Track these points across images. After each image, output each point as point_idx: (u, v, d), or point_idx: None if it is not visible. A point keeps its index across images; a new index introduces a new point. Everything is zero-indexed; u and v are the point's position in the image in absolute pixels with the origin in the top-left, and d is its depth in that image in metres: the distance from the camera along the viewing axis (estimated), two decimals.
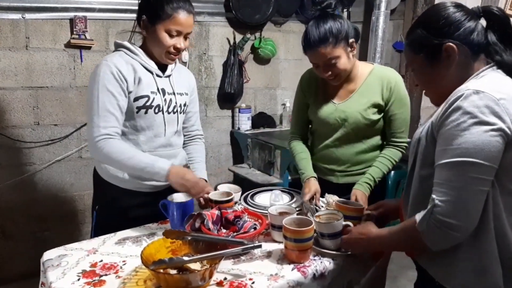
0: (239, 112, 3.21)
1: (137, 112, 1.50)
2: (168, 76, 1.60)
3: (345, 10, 3.69)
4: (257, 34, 3.24)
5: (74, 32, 2.52)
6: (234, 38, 3.13)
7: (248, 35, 3.13)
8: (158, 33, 1.46)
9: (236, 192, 1.58)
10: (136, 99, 1.49)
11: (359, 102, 1.67)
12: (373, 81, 1.68)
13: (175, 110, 1.61)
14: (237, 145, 3.31)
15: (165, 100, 1.56)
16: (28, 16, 2.42)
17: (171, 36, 1.47)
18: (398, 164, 1.98)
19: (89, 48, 2.60)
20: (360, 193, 1.61)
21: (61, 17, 2.51)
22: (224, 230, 1.40)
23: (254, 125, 3.28)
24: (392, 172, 3.41)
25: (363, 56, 3.80)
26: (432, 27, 1.06)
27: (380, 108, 1.68)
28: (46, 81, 2.55)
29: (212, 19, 3.05)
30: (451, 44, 1.03)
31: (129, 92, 1.48)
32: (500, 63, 1.03)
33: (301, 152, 1.81)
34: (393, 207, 1.38)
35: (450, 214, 0.92)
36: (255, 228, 1.37)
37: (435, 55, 1.06)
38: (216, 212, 1.42)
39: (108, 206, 1.61)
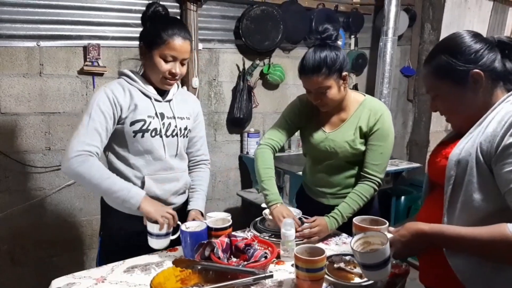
0: (248, 136, 3.22)
1: (134, 136, 1.52)
2: (169, 101, 1.63)
3: (352, 36, 3.74)
4: (266, 60, 3.28)
5: (87, 59, 2.57)
6: (244, 64, 3.17)
7: (257, 61, 3.17)
8: (154, 58, 1.50)
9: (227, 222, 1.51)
10: (132, 123, 1.51)
11: (348, 133, 1.70)
12: (362, 111, 1.70)
13: (174, 133, 1.62)
14: (246, 169, 3.30)
15: (163, 123, 1.58)
16: (42, 43, 2.48)
17: (166, 61, 1.50)
18: (408, 189, 1.96)
19: (101, 74, 2.65)
20: (324, 223, 1.60)
21: (75, 45, 2.57)
22: (234, 259, 1.38)
23: None
24: (403, 197, 3.39)
25: (371, 81, 3.82)
26: (458, 53, 1.08)
27: (364, 137, 1.69)
28: (58, 107, 2.59)
29: (222, 46, 3.11)
30: (478, 70, 1.06)
31: (124, 118, 1.51)
32: None
33: (268, 168, 1.75)
34: None
35: None
36: (265, 257, 1.35)
37: (461, 81, 1.08)
38: (225, 240, 1.40)
39: (113, 232, 1.61)
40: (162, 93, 1.61)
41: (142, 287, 1.26)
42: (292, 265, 1.34)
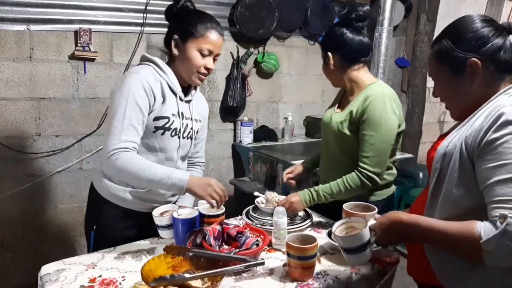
0: (241, 125, 3.20)
1: (153, 132, 1.48)
2: (189, 101, 1.59)
3: None
4: (261, 49, 3.25)
5: (79, 44, 2.52)
6: (238, 52, 3.14)
7: (252, 50, 3.14)
8: (189, 51, 1.46)
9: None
10: (156, 118, 1.47)
11: (341, 114, 1.69)
12: (361, 95, 1.64)
13: (189, 135, 1.60)
14: (239, 158, 3.29)
15: (182, 124, 1.55)
16: (33, 27, 2.43)
17: (202, 55, 1.47)
18: (400, 180, 1.95)
19: (92, 60, 2.61)
20: (295, 197, 1.63)
21: (66, 29, 2.52)
22: (226, 246, 1.38)
23: (256, 139, 3.27)
24: (395, 187, 3.41)
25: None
26: (459, 40, 1.04)
27: (354, 124, 1.62)
28: (49, 92, 2.55)
29: None
30: (475, 59, 1.02)
31: (152, 111, 1.45)
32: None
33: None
34: None
35: None
36: (257, 245, 1.35)
37: (459, 69, 1.04)
38: (217, 227, 1.40)
39: (107, 226, 1.55)
40: (184, 92, 1.56)
41: (133, 274, 1.26)
42: (284, 253, 1.35)
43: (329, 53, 1.67)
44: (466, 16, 1.08)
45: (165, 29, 1.56)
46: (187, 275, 1.10)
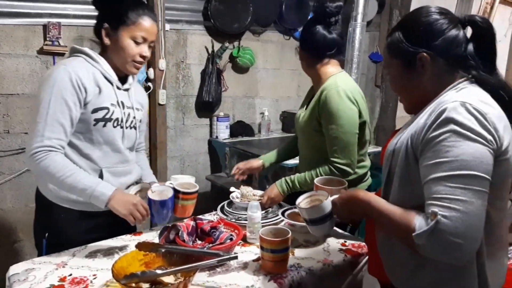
0: (217, 120, 3.19)
1: (94, 125, 1.40)
2: (127, 90, 1.53)
3: None
4: (236, 43, 3.24)
5: (48, 39, 2.45)
6: (213, 47, 3.12)
7: (227, 44, 3.12)
8: (122, 40, 1.40)
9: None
10: (94, 110, 1.39)
11: (306, 113, 1.74)
12: (319, 91, 1.66)
13: (132, 125, 1.53)
14: (215, 154, 3.28)
15: (124, 113, 1.48)
16: None
17: (136, 43, 1.41)
18: (374, 172, 1.98)
19: (62, 54, 2.53)
20: (273, 189, 1.69)
21: (34, 23, 2.44)
22: (199, 242, 1.37)
23: (233, 134, 3.26)
24: (371, 180, 3.47)
25: (343, 67, 3.85)
26: (410, 33, 1.02)
27: (316, 122, 1.65)
28: (17, 88, 2.47)
29: (190, 27, 3.04)
30: (425, 54, 1.00)
31: (87, 103, 1.37)
32: (476, 78, 0.99)
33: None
34: None
35: (458, 232, 0.82)
36: (231, 239, 1.35)
37: (409, 63, 1.03)
38: (191, 223, 1.39)
39: (61, 232, 1.45)
40: (121, 81, 1.50)
41: (104, 272, 1.24)
42: (258, 247, 1.35)
43: (299, 49, 1.73)
44: (421, 8, 1.04)
45: None
46: (159, 271, 1.09)
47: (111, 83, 1.45)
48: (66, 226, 1.45)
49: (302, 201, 1.20)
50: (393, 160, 1.03)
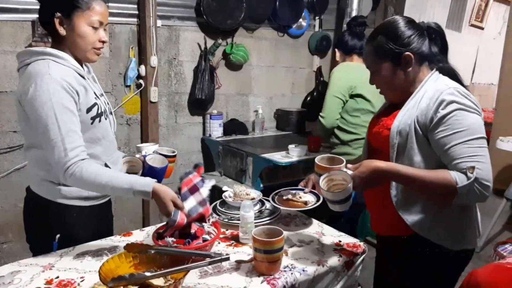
0: (211, 118, 3.15)
1: (92, 123, 1.38)
2: (92, 78, 1.48)
3: (317, 17, 3.71)
4: (229, 40, 3.20)
5: (36, 35, 2.40)
6: (205, 44, 3.08)
7: (220, 41, 3.08)
8: (79, 27, 1.32)
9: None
10: (88, 110, 1.36)
11: None
12: None
13: (110, 111, 1.52)
14: (208, 152, 3.24)
15: (104, 102, 1.47)
16: None
17: (94, 28, 1.35)
18: None
19: None
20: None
21: (22, 19, 2.39)
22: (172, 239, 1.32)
23: (226, 132, 3.22)
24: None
25: (335, 63, 3.82)
26: (393, 38, 1.28)
27: None
28: (5, 85, 2.41)
29: (182, 24, 2.99)
30: (408, 53, 1.27)
31: (79, 104, 1.33)
32: (441, 69, 1.32)
33: None
34: None
35: (488, 178, 1.15)
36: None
37: (396, 61, 1.29)
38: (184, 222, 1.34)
39: (75, 231, 1.42)
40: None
41: (92, 274, 1.20)
42: (251, 247, 1.32)
43: (335, 49, 2.58)
44: (394, 18, 1.32)
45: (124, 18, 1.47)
46: (147, 274, 1.05)
47: (83, 77, 1.39)
48: (79, 224, 1.42)
49: (322, 184, 1.24)
50: (400, 139, 1.27)
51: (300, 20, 3.53)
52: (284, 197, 1.61)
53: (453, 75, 1.31)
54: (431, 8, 5.00)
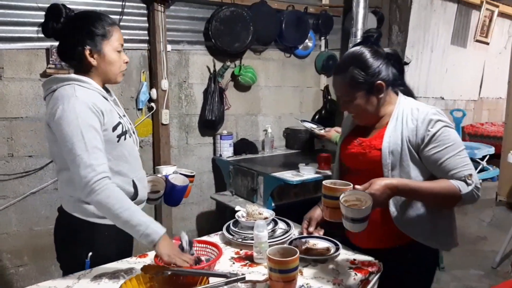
0: (221, 139, 3.18)
1: (118, 141, 1.45)
2: (114, 100, 1.55)
3: (322, 38, 3.77)
4: (237, 62, 3.26)
5: (50, 62, 2.48)
6: (214, 66, 3.14)
7: (228, 63, 3.15)
8: (109, 55, 1.43)
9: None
10: (114, 128, 1.44)
11: None
12: None
13: (133, 130, 1.59)
14: (219, 172, 3.27)
15: (126, 122, 1.54)
16: (2, 46, 2.37)
17: (118, 52, 1.46)
18: None
19: None
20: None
21: (37, 47, 2.47)
22: None
23: (236, 152, 3.25)
24: None
25: None
26: (365, 68, 1.39)
27: None
28: (20, 111, 2.48)
29: (191, 48, 3.07)
30: (380, 81, 1.40)
31: (105, 124, 1.41)
32: (403, 91, 1.50)
33: None
34: None
35: (478, 181, 1.34)
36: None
37: (369, 90, 1.41)
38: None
39: (104, 248, 1.47)
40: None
41: None
42: (265, 267, 1.33)
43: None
44: (360, 49, 1.42)
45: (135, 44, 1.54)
46: None
47: (107, 99, 1.47)
48: (108, 242, 1.47)
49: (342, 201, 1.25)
50: (393, 157, 1.39)
51: (306, 41, 3.59)
52: (303, 247, 1.52)
53: (412, 95, 1.52)
54: (435, 25, 5.06)
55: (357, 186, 1.28)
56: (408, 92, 1.51)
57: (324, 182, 1.37)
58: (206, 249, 1.47)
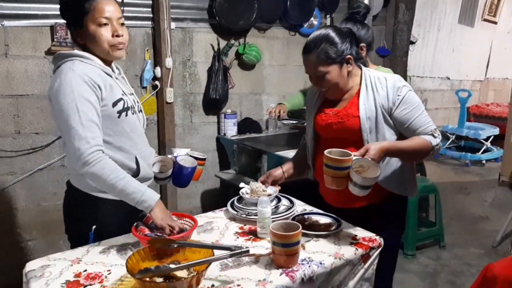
0: (225, 118, 3.20)
1: (118, 117, 1.46)
2: (122, 78, 1.56)
3: (328, 16, 3.73)
4: (241, 40, 3.24)
5: (55, 39, 2.48)
6: (218, 44, 3.13)
7: (232, 41, 3.13)
8: (90, 30, 1.40)
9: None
10: (114, 104, 1.44)
11: None
12: None
13: (139, 108, 1.60)
14: (223, 151, 3.29)
15: (133, 100, 1.55)
16: (7, 23, 2.38)
17: (104, 26, 1.40)
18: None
19: None
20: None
21: (42, 24, 2.47)
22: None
23: (240, 131, 3.27)
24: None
25: None
26: (336, 44, 1.53)
27: None
28: (26, 89, 2.50)
29: (195, 25, 3.05)
30: (349, 55, 1.55)
31: (103, 99, 1.41)
32: (363, 63, 1.68)
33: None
34: None
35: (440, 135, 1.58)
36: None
37: (341, 64, 1.55)
38: None
39: (109, 222, 1.50)
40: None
41: (118, 267, 1.26)
42: (268, 242, 1.36)
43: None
44: (327, 29, 1.56)
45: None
46: (172, 266, 1.10)
47: (110, 76, 1.48)
48: (111, 216, 1.49)
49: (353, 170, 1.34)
50: (370, 122, 1.56)
51: (311, 19, 3.56)
52: (306, 223, 1.55)
53: (366, 66, 1.70)
54: (443, 4, 4.98)
55: (355, 153, 1.38)
56: (364, 64, 1.69)
57: (326, 153, 1.40)
58: (183, 220, 1.51)
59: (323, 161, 1.38)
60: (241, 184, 1.82)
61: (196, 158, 1.73)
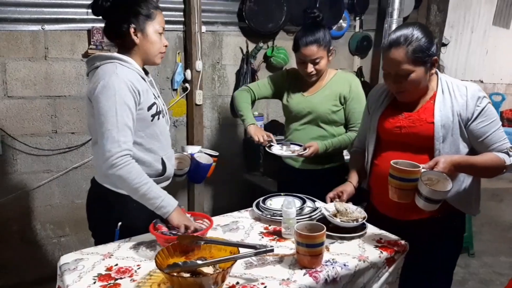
0: None
1: (151, 120, 1.52)
2: (150, 82, 1.61)
3: (357, 18, 3.70)
4: (270, 43, 3.27)
5: (92, 43, 2.58)
6: (247, 47, 3.17)
7: (261, 44, 3.16)
8: (151, 35, 1.51)
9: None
10: (149, 108, 1.51)
11: (324, 95, 2.07)
12: (338, 80, 2.09)
13: (166, 111, 1.66)
14: (250, 152, 3.32)
15: (161, 103, 1.62)
16: (47, 27, 2.50)
17: (160, 35, 1.53)
18: None
19: None
20: (316, 145, 2.00)
21: (79, 28, 2.58)
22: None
23: None
24: None
25: (376, 64, 3.82)
26: (431, 43, 1.42)
27: (340, 101, 2.07)
28: (64, 90, 2.62)
29: (225, 29, 3.10)
30: (436, 57, 1.45)
31: (140, 103, 1.47)
32: (438, 68, 1.55)
33: (245, 102, 2.20)
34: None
35: None
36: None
37: (429, 65, 1.44)
38: None
39: (134, 220, 1.53)
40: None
41: (147, 262, 1.31)
42: (293, 242, 1.38)
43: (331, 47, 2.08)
44: (415, 25, 1.44)
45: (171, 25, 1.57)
46: (199, 262, 1.14)
47: (144, 80, 1.54)
48: (137, 213, 1.52)
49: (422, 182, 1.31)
50: (444, 131, 1.46)
51: (340, 21, 3.54)
52: (331, 225, 1.52)
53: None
54: (477, 4, 4.84)
55: (423, 165, 1.34)
56: (438, 69, 1.59)
57: (392, 163, 1.37)
58: (201, 219, 1.55)
59: (380, 168, 1.37)
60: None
61: (209, 155, 1.81)
